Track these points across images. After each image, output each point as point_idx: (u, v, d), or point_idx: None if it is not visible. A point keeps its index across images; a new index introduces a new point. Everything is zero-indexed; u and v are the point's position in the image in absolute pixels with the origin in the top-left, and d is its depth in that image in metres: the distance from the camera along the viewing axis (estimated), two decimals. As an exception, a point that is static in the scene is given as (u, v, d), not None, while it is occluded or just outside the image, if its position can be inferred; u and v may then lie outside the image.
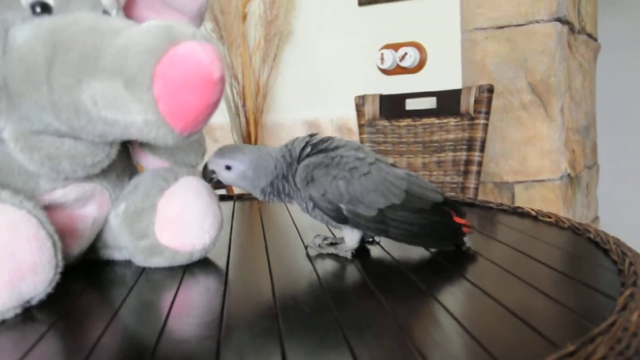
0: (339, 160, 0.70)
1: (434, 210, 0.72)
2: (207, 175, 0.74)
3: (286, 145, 0.74)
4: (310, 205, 0.72)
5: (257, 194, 0.74)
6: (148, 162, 0.77)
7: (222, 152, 0.73)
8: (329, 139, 0.74)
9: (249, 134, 2.24)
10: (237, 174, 0.72)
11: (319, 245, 0.76)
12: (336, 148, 0.72)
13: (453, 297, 0.59)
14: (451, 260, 0.70)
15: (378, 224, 0.70)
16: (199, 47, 0.52)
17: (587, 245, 0.73)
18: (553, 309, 0.52)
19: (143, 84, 0.51)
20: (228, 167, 0.72)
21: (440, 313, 0.52)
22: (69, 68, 0.53)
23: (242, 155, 0.72)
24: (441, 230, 0.73)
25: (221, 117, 2.33)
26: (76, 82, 0.53)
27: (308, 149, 0.73)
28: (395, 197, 0.70)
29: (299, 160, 0.72)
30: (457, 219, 0.73)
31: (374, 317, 0.52)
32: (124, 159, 0.76)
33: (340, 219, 0.71)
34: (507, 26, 1.94)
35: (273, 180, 0.72)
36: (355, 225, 0.71)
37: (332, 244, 0.77)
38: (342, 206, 0.70)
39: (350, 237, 0.74)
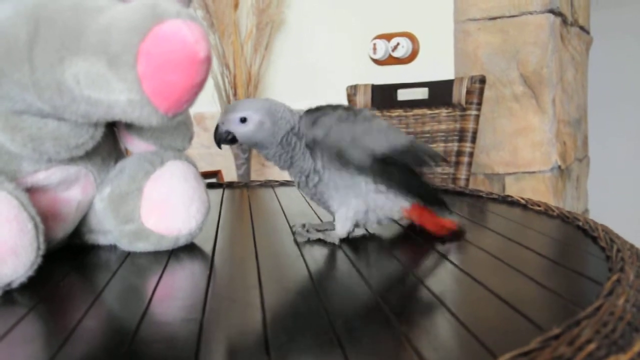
0: (345, 113, 0.71)
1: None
2: (222, 137, 0.71)
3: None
4: (304, 177, 0.71)
5: (272, 149, 0.71)
6: (134, 145, 0.76)
7: (233, 106, 0.70)
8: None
9: (240, 123, 2.23)
10: (254, 125, 0.69)
11: (307, 231, 0.75)
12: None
13: (442, 283, 0.58)
14: (441, 248, 0.69)
15: (376, 171, 0.70)
16: (184, 25, 0.51)
17: (576, 233, 0.73)
18: (541, 295, 0.52)
19: (127, 62, 0.49)
20: (243, 120, 0.69)
21: (429, 299, 0.52)
22: (52, 45, 0.52)
23: (256, 104, 0.70)
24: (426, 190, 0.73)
25: (212, 106, 2.31)
26: (58, 60, 0.52)
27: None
28: (398, 142, 0.71)
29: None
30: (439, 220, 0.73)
31: (361, 303, 0.51)
32: (110, 142, 0.74)
33: (341, 162, 0.70)
34: (499, 17, 1.93)
35: (289, 132, 0.70)
36: (359, 170, 0.70)
37: (320, 231, 0.76)
38: (344, 145, 0.69)
39: (342, 225, 0.73)
